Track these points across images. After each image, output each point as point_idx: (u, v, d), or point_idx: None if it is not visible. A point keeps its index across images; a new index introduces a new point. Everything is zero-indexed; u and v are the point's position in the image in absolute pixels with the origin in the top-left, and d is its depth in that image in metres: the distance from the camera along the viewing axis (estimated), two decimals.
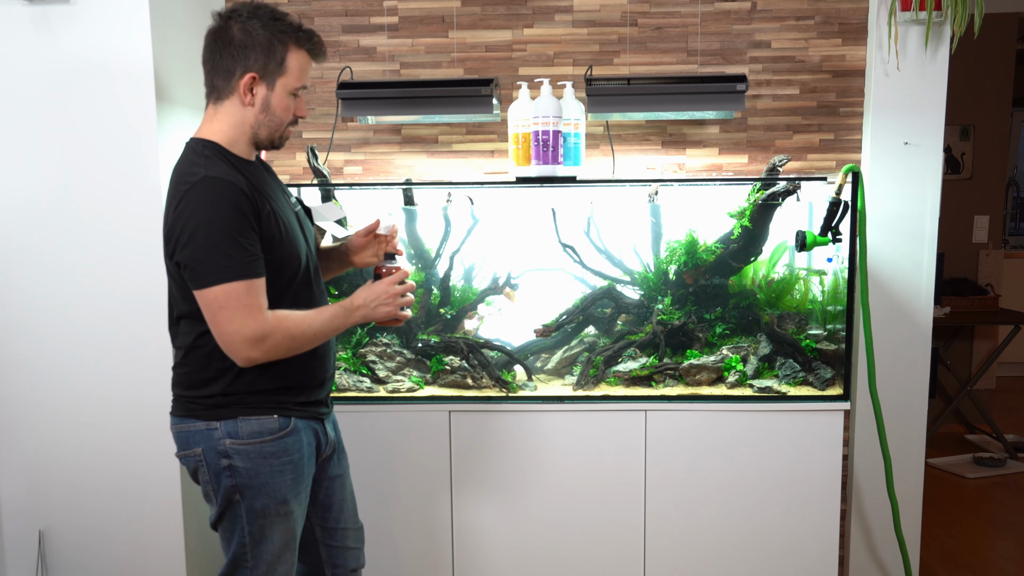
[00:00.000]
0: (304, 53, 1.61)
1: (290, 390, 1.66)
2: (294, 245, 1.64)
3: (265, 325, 1.53)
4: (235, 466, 1.61)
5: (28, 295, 2.15)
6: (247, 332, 1.52)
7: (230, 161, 1.59)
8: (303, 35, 1.60)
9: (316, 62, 1.65)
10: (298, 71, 1.60)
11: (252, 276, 1.52)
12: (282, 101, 1.61)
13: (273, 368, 1.62)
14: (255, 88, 1.58)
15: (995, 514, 3.44)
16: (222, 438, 1.61)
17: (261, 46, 1.56)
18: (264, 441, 1.62)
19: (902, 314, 2.48)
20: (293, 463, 1.65)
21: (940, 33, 2.37)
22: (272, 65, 1.58)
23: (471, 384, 2.34)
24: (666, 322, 2.37)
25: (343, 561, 1.86)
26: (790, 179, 2.23)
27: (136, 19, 2.06)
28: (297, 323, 1.58)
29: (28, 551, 2.25)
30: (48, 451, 2.21)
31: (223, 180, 1.52)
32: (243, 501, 1.63)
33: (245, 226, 1.52)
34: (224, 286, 1.50)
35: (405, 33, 2.54)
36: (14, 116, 2.10)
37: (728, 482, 2.27)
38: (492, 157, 2.59)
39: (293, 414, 1.66)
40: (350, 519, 1.87)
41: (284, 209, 1.67)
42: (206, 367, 1.62)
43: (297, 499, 1.68)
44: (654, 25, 2.51)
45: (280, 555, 1.67)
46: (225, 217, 1.50)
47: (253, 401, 1.63)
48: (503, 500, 2.30)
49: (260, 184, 1.62)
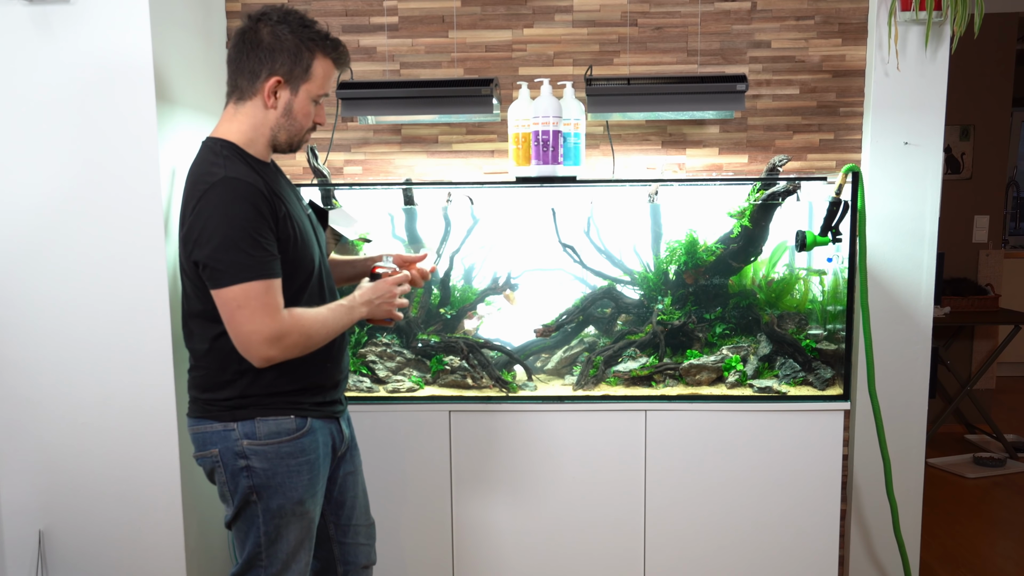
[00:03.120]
0: (330, 62, 1.63)
1: (307, 391, 1.68)
2: (308, 248, 1.66)
3: (283, 324, 1.54)
4: (252, 467, 1.63)
5: (28, 295, 2.15)
6: (265, 331, 1.52)
7: (247, 162, 1.61)
8: (330, 44, 1.62)
9: (339, 71, 1.68)
10: (322, 78, 1.63)
11: (271, 276, 1.53)
12: (304, 107, 1.63)
13: (291, 370, 1.63)
14: (279, 92, 1.60)
15: (995, 514, 3.44)
16: (239, 439, 1.62)
17: (289, 51, 1.58)
18: (282, 441, 1.64)
19: (902, 314, 2.48)
20: (310, 463, 1.67)
21: (940, 33, 2.37)
22: (298, 71, 1.60)
23: (471, 384, 2.34)
24: (666, 322, 2.37)
25: (355, 558, 1.87)
26: (790, 179, 2.23)
27: (136, 19, 2.06)
28: (312, 321, 1.60)
29: (28, 551, 2.25)
30: (48, 451, 2.21)
31: (243, 181, 1.53)
32: (260, 501, 1.64)
33: (264, 226, 1.53)
34: (243, 285, 1.51)
35: (405, 33, 2.54)
36: (14, 116, 2.09)
37: (728, 482, 2.27)
38: (492, 157, 2.59)
39: (310, 414, 1.68)
40: (362, 515, 1.88)
41: (298, 212, 1.68)
42: (223, 370, 1.63)
43: (313, 499, 1.69)
44: (654, 25, 2.51)
45: (295, 554, 1.68)
46: (245, 217, 1.51)
47: (270, 402, 1.64)
48: (503, 500, 2.30)
49: (276, 186, 1.64)
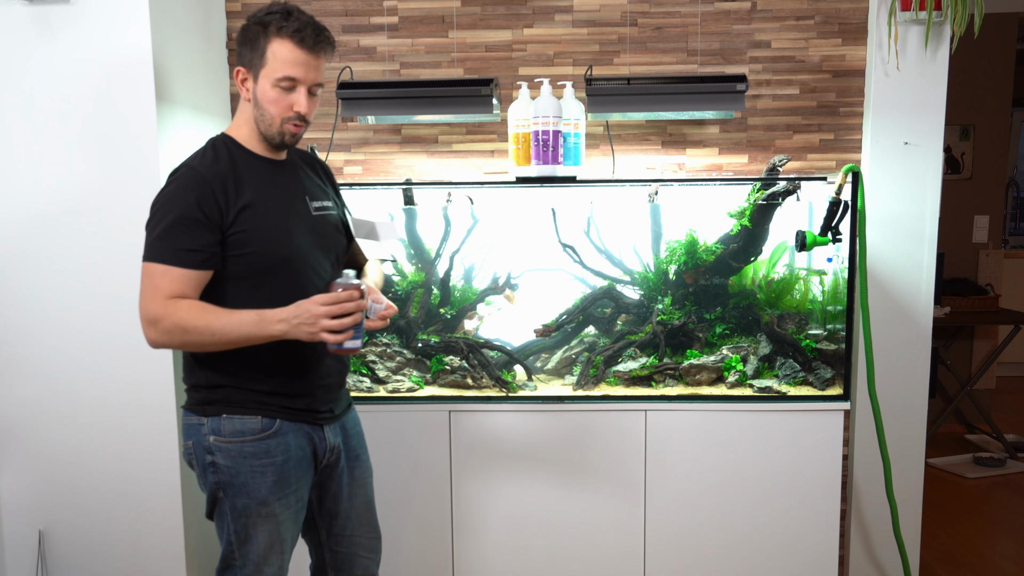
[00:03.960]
0: (287, 42, 1.55)
1: (276, 393, 1.65)
2: (281, 244, 1.61)
3: (161, 310, 1.53)
4: (217, 463, 1.62)
5: (28, 295, 2.15)
6: (146, 312, 1.54)
7: (232, 156, 1.61)
8: (285, 24, 1.54)
9: (307, 52, 1.56)
10: (280, 61, 1.55)
11: (174, 264, 1.53)
12: (266, 93, 1.58)
13: (257, 368, 1.62)
14: (247, 82, 1.61)
15: (995, 514, 3.44)
16: (208, 434, 1.62)
17: (249, 40, 1.58)
18: (245, 441, 1.62)
19: (902, 314, 2.48)
20: (276, 465, 1.63)
21: (940, 33, 2.37)
22: (255, 57, 1.58)
23: (471, 384, 2.34)
24: (666, 322, 2.37)
25: (348, 568, 1.83)
26: (790, 179, 2.23)
27: (136, 19, 2.06)
28: (192, 316, 1.52)
29: (28, 551, 2.25)
30: (48, 451, 2.21)
31: (197, 172, 1.57)
32: (226, 499, 1.64)
33: (195, 218, 1.54)
34: (146, 264, 1.55)
35: (405, 33, 2.54)
36: (13, 116, 2.10)
37: (728, 482, 2.27)
38: (492, 157, 2.59)
39: (279, 416, 1.64)
40: (360, 528, 1.83)
41: (283, 206, 1.64)
42: (188, 358, 1.68)
43: (282, 502, 1.65)
44: (654, 25, 2.51)
45: (266, 557, 1.66)
46: (177, 205, 1.54)
47: (239, 399, 1.63)
48: (503, 500, 2.30)
49: (255, 180, 1.61)
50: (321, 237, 1.70)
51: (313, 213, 1.70)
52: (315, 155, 1.88)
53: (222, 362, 1.62)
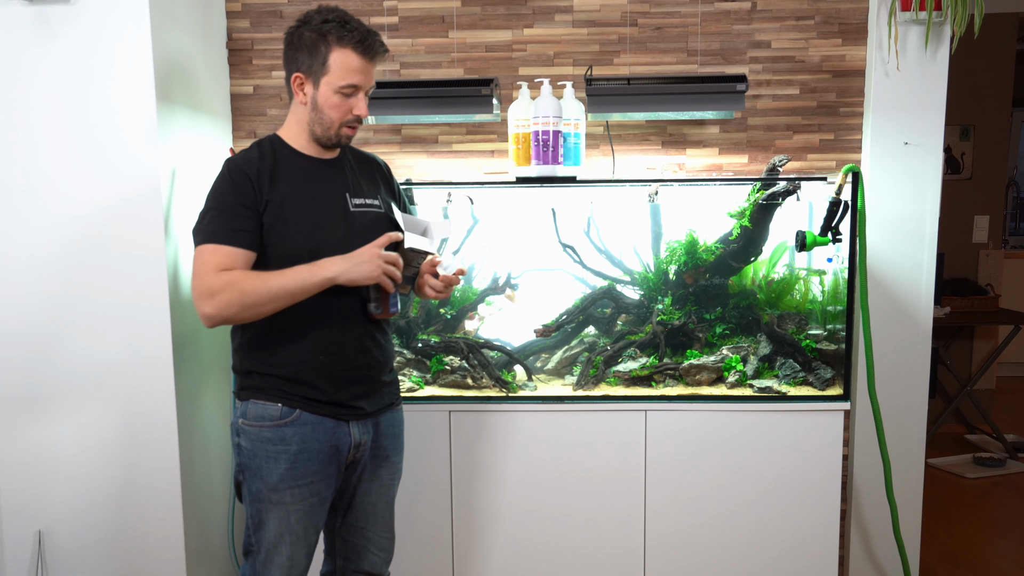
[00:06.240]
0: (350, 51, 1.63)
1: (295, 382, 1.68)
2: (303, 235, 1.66)
3: (214, 280, 1.58)
4: (241, 445, 1.71)
5: (28, 294, 2.15)
6: (200, 287, 1.59)
7: (275, 153, 1.70)
8: (347, 34, 1.63)
9: (368, 60, 1.66)
10: (341, 69, 1.64)
11: (223, 242, 1.60)
12: (328, 99, 1.66)
13: (275, 352, 1.68)
14: (305, 87, 1.67)
15: (995, 514, 3.44)
16: (239, 416, 1.72)
17: (307, 47, 1.65)
18: (264, 426, 1.68)
19: (902, 314, 2.48)
20: (290, 454, 1.67)
21: (940, 33, 2.37)
22: (316, 65, 1.64)
23: (471, 384, 2.34)
24: (666, 322, 2.37)
25: (357, 560, 1.87)
26: (790, 179, 2.23)
27: (136, 19, 2.06)
28: (249, 276, 1.60)
29: (27, 551, 2.25)
30: (48, 451, 2.21)
31: (237, 165, 1.66)
32: (245, 481, 1.71)
33: (238, 205, 1.62)
34: (199, 248, 1.62)
35: (405, 33, 2.54)
36: (13, 116, 2.09)
37: (728, 482, 2.27)
38: (492, 157, 2.59)
39: (300, 406, 1.69)
40: (375, 524, 1.86)
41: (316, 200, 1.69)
42: (234, 341, 1.75)
43: (293, 491, 1.68)
44: (654, 25, 2.51)
45: (276, 545, 1.69)
46: (222, 191, 1.64)
47: (263, 385, 1.70)
48: (503, 500, 2.30)
49: (293, 176, 1.68)
50: (359, 233, 1.72)
51: (352, 208, 1.74)
52: (376, 158, 1.93)
53: (252, 349, 1.70)
